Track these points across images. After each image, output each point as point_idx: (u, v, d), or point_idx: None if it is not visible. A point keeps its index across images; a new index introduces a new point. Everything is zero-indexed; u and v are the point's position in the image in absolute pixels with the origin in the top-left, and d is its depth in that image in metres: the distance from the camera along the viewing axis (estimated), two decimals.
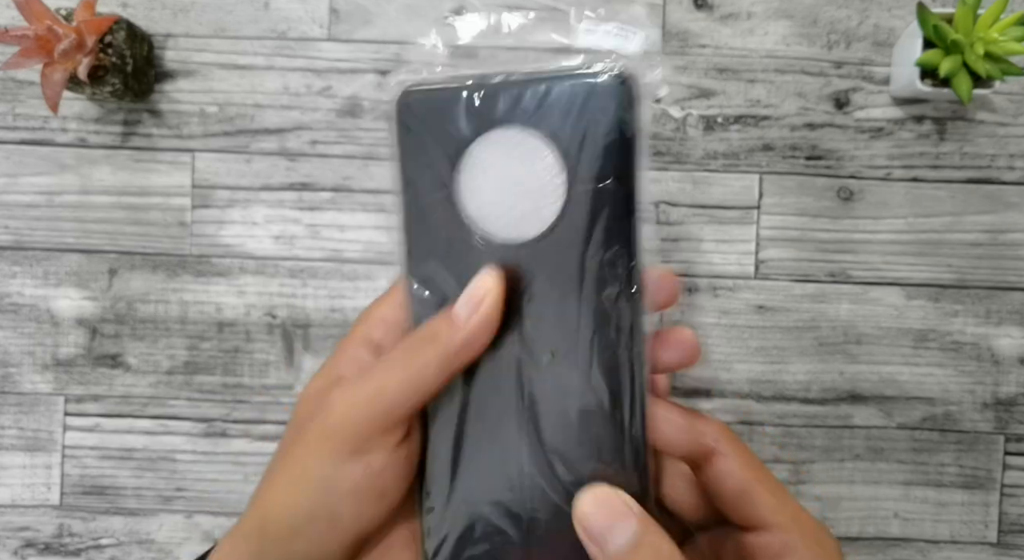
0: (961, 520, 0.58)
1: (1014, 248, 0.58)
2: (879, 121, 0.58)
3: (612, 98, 0.25)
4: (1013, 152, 0.58)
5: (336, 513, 0.27)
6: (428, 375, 0.27)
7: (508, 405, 0.28)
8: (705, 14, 0.59)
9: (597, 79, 0.26)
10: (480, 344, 0.27)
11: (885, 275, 0.58)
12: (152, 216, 0.59)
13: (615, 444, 0.27)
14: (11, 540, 0.59)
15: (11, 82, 0.59)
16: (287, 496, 0.28)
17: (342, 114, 0.59)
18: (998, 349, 0.58)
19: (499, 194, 0.27)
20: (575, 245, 0.26)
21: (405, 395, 0.27)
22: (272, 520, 0.28)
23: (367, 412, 0.27)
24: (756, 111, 0.58)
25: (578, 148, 0.26)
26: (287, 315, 0.59)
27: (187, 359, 0.59)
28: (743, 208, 0.58)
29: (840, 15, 0.59)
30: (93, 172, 0.59)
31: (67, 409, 0.59)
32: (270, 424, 0.59)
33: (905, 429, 0.58)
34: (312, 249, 0.59)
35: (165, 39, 0.59)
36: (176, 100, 0.59)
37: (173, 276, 0.59)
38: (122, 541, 0.59)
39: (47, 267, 0.59)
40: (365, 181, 0.59)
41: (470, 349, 0.27)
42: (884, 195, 0.58)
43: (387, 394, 0.27)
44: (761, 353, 0.58)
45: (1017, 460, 0.58)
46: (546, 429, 0.27)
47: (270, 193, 0.59)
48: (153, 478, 0.59)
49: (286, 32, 0.59)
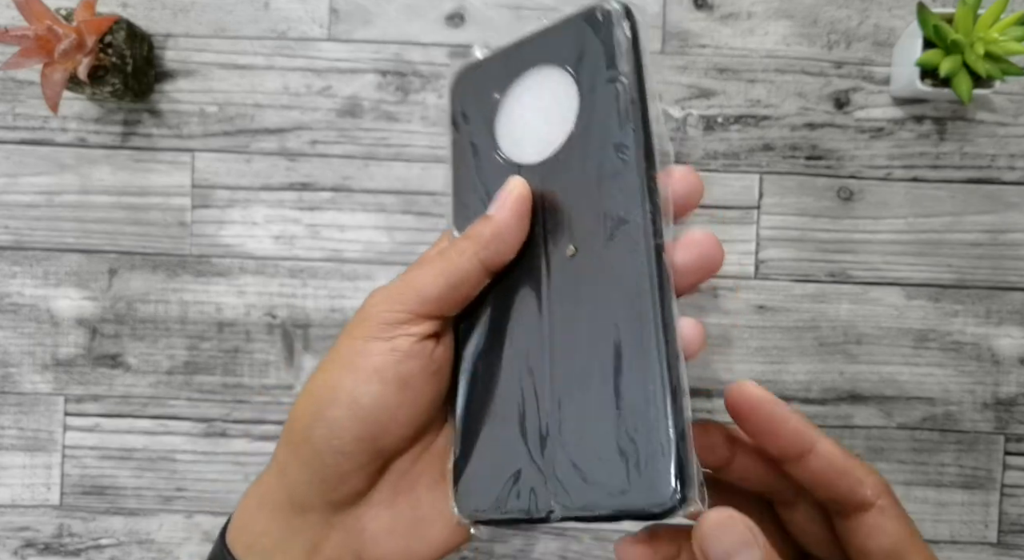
0: (961, 520, 0.58)
1: (1014, 248, 0.58)
2: (879, 121, 0.58)
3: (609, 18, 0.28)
4: (1013, 152, 0.58)
5: (357, 394, 0.27)
6: (461, 265, 0.28)
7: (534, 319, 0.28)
8: (705, 14, 0.59)
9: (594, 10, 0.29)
10: (511, 235, 0.28)
11: (885, 275, 0.58)
12: (152, 216, 0.59)
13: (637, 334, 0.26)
14: (11, 540, 0.59)
15: (11, 82, 0.59)
16: (312, 383, 0.29)
17: (342, 114, 0.59)
18: (998, 349, 0.58)
19: (526, 123, 0.30)
20: (592, 141, 0.28)
21: (437, 283, 0.28)
22: (296, 416, 0.29)
23: (399, 296, 0.28)
24: (756, 111, 0.58)
25: (587, 63, 0.29)
26: (287, 315, 0.59)
27: (187, 359, 0.59)
28: (743, 208, 0.58)
29: (840, 15, 0.59)
30: (93, 172, 0.59)
31: (67, 409, 0.59)
32: (270, 424, 0.59)
33: (905, 429, 0.58)
34: (312, 249, 0.59)
35: (165, 39, 0.59)
36: (176, 100, 0.59)
37: (173, 276, 0.59)
38: (122, 541, 0.59)
39: (47, 267, 0.59)
40: (365, 181, 0.59)
41: (500, 240, 0.28)
42: (884, 195, 0.58)
43: (419, 281, 0.28)
44: (761, 353, 0.58)
45: (1017, 460, 0.58)
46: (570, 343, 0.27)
47: (270, 193, 0.59)
48: (153, 478, 0.59)
49: (286, 32, 0.59)
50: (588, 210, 0.28)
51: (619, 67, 0.28)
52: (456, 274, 0.28)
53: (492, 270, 0.29)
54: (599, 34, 0.28)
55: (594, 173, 0.28)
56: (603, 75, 0.28)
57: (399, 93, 0.59)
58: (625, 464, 0.25)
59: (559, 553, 0.59)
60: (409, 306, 0.28)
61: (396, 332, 0.28)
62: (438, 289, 0.28)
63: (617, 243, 0.27)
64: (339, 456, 0.28)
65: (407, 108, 0.59)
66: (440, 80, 0.59)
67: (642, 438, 0.25)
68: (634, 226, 0.27)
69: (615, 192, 0.27)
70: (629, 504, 0.25)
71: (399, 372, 0.28)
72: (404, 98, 0.59)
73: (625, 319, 0.26)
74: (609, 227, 0.27)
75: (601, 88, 0.28)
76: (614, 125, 0.28)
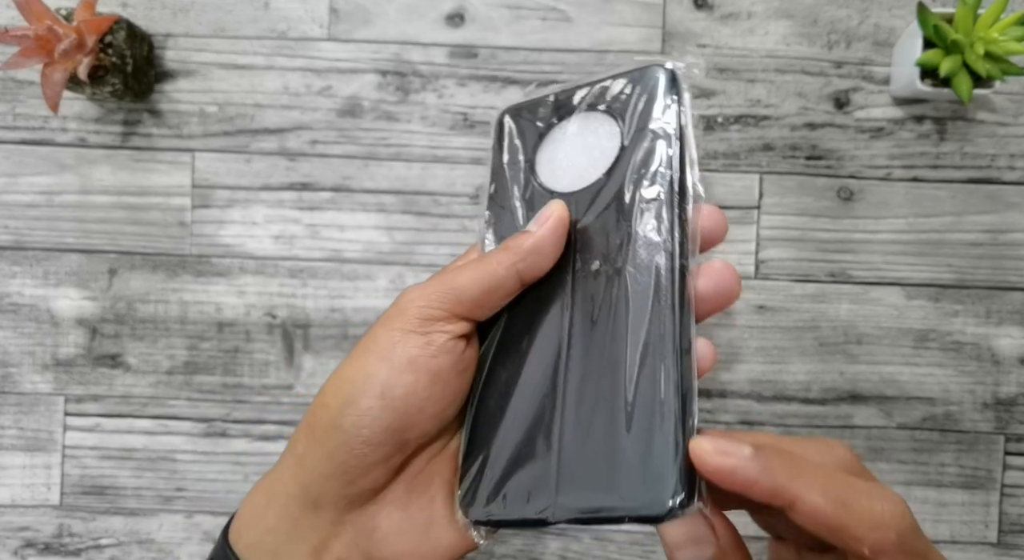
0: (961, 520, 0.58)
1: (1014, 248, 0.58)
2: (879, 121, 0.58)
3: (659, 78, 0.31)
4: (1013, 152, 0.58)
5: (390, 383, 0.28)
6: (498, 273, 0.30)
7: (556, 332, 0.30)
8: (705, 14, 0.59)
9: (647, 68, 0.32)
10: (548, 251, 0.30)
11: (885, 275, 0.58)
12: (152, 216, 0.59)
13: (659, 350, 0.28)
14: (11, 540, 0.59)
15: (11, 82, 0.59)
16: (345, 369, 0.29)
17: (342, 114, 0.59)
18: (998, 349, 0.58)
19: (567, 157, 0.33)
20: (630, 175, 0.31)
21: (475, 287, 0.29)
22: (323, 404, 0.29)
23: (437, 295, 0.29)
24: (756, 111, 0.58)
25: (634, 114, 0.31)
26: (287, 315, 0.59)
27: (187, 359, 0.59)
28: (743, 208, 0.58)
29: (840, 15, 0.59)
30: (93, 172, 0.59)
31: (67, 409, 0.59)
32: (270, 424, 0.59)
33: (905, 429, 0.58)
34: (312, 249, 0.59)
35: (165, 39, 0.59)
36: (176, 100, 0.59)
37: (173, 276, 0.59)
38: (122, 541, 0.59)
39: (47, 267, 0.59)
40: (365, 181, 0.59)
41: (538, 254, 0.30)
42: (884, 195, 0.58)
43: (459, 283, 0.29)
44: (761, 353, 0.58)
45: (1017, 460, 0.58)
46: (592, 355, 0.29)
47: (270, 193, 0.59)
48: (153, 478, 0.59)
49: (286, 32, 0.59)
50: (618, 233, 0.30)
51: (665, 121, 0.31)
52: (493, 280, 0.29)
53: (525, 282, 0.30)
54: (649, 91, 0.31)
55: (628, 202, 0.30)
56: (649, 125, 0.31)
57: (399, 93, 0.59)
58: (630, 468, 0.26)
59: (559, 553, 0.59)
60: (446, 305, 0.29)
61: (432, 328, 0.29)
62: (475, 292, 0.29)
63: (643, 262, 0.29)
64: (366, 446, 0.28)
65: (407, 108, 0.59)
66: (440, 80, 0.59)
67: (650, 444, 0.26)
68: (663, 248, 0.29)
69: (647, 218, 0.30)
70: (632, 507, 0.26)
71: (431, 365, 0.29)
72: (404, 98, 0.59)
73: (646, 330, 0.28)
74: (638, 248, 0.29)
75: (645, 134, 0.31)
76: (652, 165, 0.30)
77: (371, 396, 0.28)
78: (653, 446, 0.26)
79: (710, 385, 0.59)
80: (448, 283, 0.29)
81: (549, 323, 0.30)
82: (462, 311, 0.29)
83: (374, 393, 0.28)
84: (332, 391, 0.29)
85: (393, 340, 0.29)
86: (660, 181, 0.30)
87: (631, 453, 0.26)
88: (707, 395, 0.59)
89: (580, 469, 0.27)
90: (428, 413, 0.29)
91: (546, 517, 0.27)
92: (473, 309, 0.30)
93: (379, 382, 0.28)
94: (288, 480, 0.30)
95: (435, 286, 0.29)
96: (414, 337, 0.29)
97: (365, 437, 0.28)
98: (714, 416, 0.58)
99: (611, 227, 0.30)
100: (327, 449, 0.28)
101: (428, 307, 0.29)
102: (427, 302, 0.29)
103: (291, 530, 0.29)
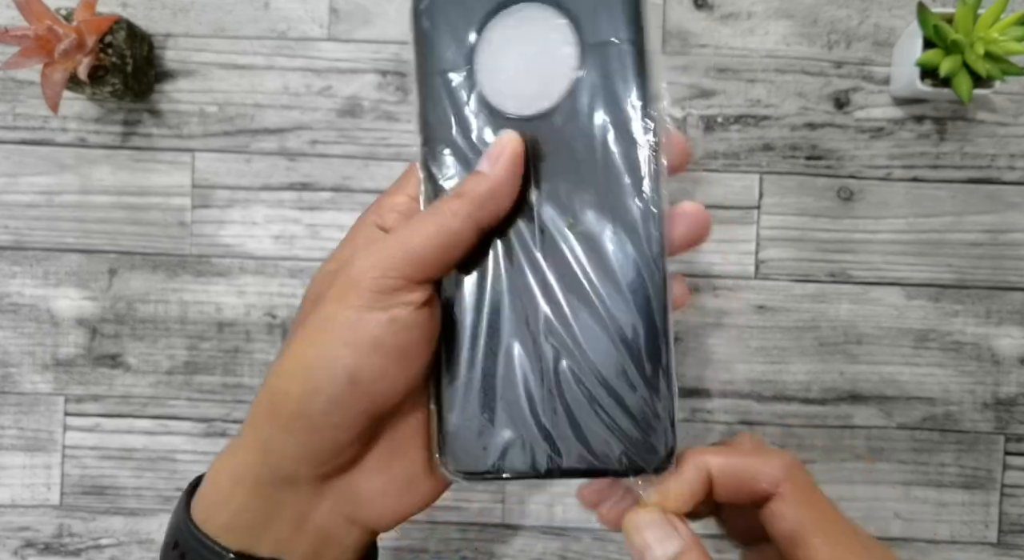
0: (961, 520, 0.58)
1: (1014, 248, 0.58)
2: (879, 121, 0.58)
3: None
4: (1013, 152, 0.58)
5: (357, 368, 0.26)
6: (455, 226, 0.27)
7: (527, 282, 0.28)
8: (705, 14, 0.59)
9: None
10: (505, 194, 0.27)
11: (885, 275, 0.58)
12: (152, 216, 0.59)
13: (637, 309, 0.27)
14: (11, 540, 0.59)
15: (11, 82, 0.59)
16: (305, 353, 0.27)
17: (342, 114, 0.59)
18: (998, 349, 0.58)
19: (515, 70, 0.28)
20: (591, 107, 0.27)
21: (431, 246, 0.26)
22: (283, 389, 0.27)
23: (392, 262, 0.26)
24: (756, 111, 0.58)
25: (588, 14, 0.27)
26: (287, 315, 0.59)
27: (187, 359, 0.59)
28: (743, 208, 0.58)
29: (840, 15, 0.59)
30: (93, 172, 0.59)
31: (67, 409, 0.59)
32: None
33: (905, 429, 0.58)
34: (312, 249, 0.59)
35: (165, 39, 0.59)
36: (176, 100, 0.59)
37: (173, 276, 0.59)
38: (122, 541, 0.59)
39: (47, 267, 0.59)
40: (365, 181, 0.59)
41: (495, 199, 0.27)
42: (884, 195, 0.58)
43: (413, 244, 0.26)
44: (761, 353, 0.58)
45: (1017, 460, 0.58)
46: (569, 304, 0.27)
47: (270, 193, 0.59)
48: (153, 478, 0.59)
49: (286, 32, 0.59)
50: (587, 177, 0.28)
51: (622, 22, 0.27)
52: (450, 235, 0.27)
53: (483, 230, 0.28)
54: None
55: (594, 138, 0.28)
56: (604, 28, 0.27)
57: (399, 93, 0.59)
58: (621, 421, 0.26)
59: (559, 553, 0.59)
60: (404, 271, 0.26)
61: (393, 300, 0.26)
62: (432, 251, 0.27)
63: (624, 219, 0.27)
64: (338, 430, 0.27)
65: (407, 108, 0.59)
66: None
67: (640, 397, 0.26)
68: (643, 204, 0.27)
69: (619, 160, 0.27)
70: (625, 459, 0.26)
71: (398, 343, 0.26)
72: (404, 98, 0.59)
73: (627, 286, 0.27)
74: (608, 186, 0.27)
75: (605, 47, 0.27)
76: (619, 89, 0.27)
77: (337, 383, 0.26)
78: (643, 399, 0.26)
79: (710, 385, 0.59)
80: (401, 246, 0.27)
81: (518, 274, 0.28)
82: (421, 275, 0.27)
83: (340, 380, 0.26)
84: (292, 377, 0.27)
85: (352, 320, 0.26)
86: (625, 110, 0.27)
87: (621, 406, 0.27)
88: (707, 395, 0.59)
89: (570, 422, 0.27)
90: (399, 389, 0.27)
91: (538, 471, 0.27)
92: (432, 270, 0.27)
93: (344, 368, 0.26)
94: (254, 462, 0.28)
95: (388, 251, 0.27)
96: (375, 315, 0.26)
97: (335, 423, 0.27)
98: (714, 416, 0.59)
99: (574, 165, 0.28)
100: (295, 435, 0.27)
101: (384, 278, 0.26)
102: (382, 271, 0.26)
103: (267, 507, 0.28)
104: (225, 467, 0.29)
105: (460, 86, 0.29)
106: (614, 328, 0.27)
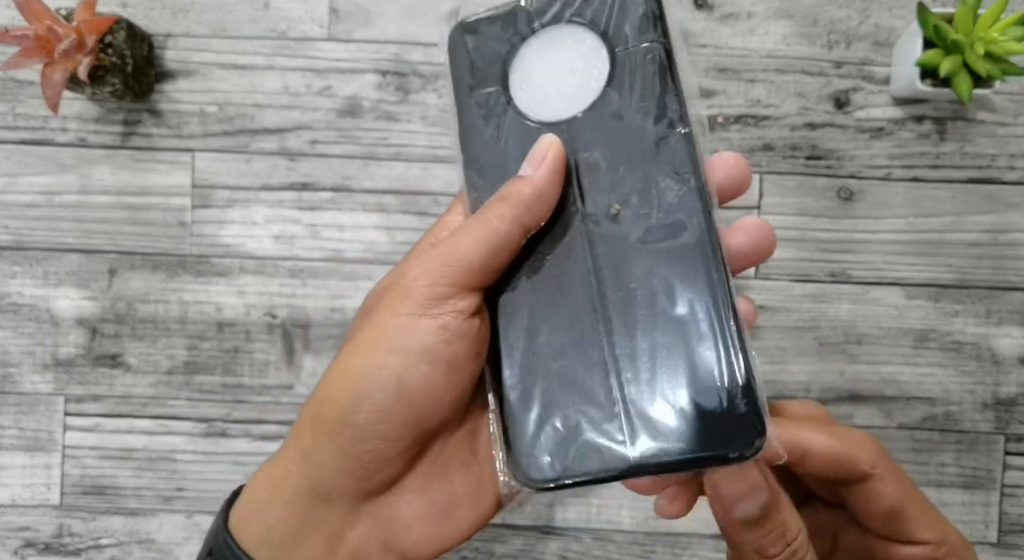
0: (961, 520, 0.58)
1: (1014, 248, 0.58)
2: (879, 121, 0.58)
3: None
4: (1013, 152, 0.58)
5: (405, 376, 0.26)
6: (501, 231, 0.27)
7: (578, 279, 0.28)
8: (705, 14, 0.59)
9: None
10: (549, 196, 0.28)
11: (885, 275, 0.58)
12: (152, 216, 0.59)
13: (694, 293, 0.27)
14: (11, 540, 0.59)
15: (11, 82, 0.59)
16: (353, 361, 0.27)
17: (342, 114, 0.59)
18: (998, 349, 0.58)
19: (548, 80, 0.30)
20: (624, 105, 0.28)
21: (479, 252, 0.27)
22: (329, 397, 0.27)
23: (442, 269, 0.27)
24: (756, 111, 0.58)
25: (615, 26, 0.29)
26: (287, 315, 0.59)
27: (187, 359, 0.59)
28: (743, 208, 0.58)
29: (840, 15, 0.59)
30: (93, 172, 0.59)
31: (67, 409, 0.59)
32: (270, 424, 0.59)
33: (905, 429, 0.58)
34: (312, 249, 0.59)
35: (165, 39, 0.59)
36: (176, 100, 0.59)
37: (173, 276, 0.59)
38: (122, 541, 0.59)
39: (47, 267, 0.59)
40: (365, 181, 0.59)
41: (540, 201, 0.28)
42: (884, 195, 0.58)
43: (461, 251, 0.27)
44: (761, 353, 0.58)
45: (1017, 460, 0.58)
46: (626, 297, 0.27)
47: (270, 193, 0.59)
48: (153, 478, 0.59)
49: (286, 32, 0.59)
50: (629, 170, 0.28)
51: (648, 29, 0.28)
52: (497, 240, 0.27)
53: (529, 233, 0.28)
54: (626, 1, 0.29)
55: (634, 133, 0.28)
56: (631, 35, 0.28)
57: (399, 93, 0.59)
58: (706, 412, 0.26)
59: (559, 553, 0.59)
60: (454, 278, 0.26)
61: (443, 308, 0.26)
62: (481, 258, 0.27)
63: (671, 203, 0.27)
64: (382, 442, 0.26)
65: (407, 108, 0.59)
66: (440, 80, 0.59)
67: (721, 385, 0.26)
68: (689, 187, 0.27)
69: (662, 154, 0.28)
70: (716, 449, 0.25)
71: (447, 353, 0.26)
72: (404, 98, 0.59)
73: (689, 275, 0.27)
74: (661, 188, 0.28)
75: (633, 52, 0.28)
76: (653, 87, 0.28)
77: (385, 391, 0.26)
78: (725, 386, 0.25)
79: None
80: (450, 252, 0.27)
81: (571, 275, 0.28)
82: (471, 282, 0.27)
83: (388, 388, 0.26)
84: (340, 384, 0.27)
85: (402, 327, 0.26)
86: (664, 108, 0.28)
87: (704, 396, 0.26)
88: None
89: (651, 417, 0.26)
90: (446, 402, 0.27)
91: (623, 470, 0.26)
92: (481, 277, 0.27)
93: (392, 375, 0.26)
94: (294, 474, 0.28)
95: (438, 258, 0.27)
96: (426, 322, 0.26)
97: (380, 433, 0.26)
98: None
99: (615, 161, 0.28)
100: (338, 445, 0.27)
101: (435, 285, 0.26)
102: (433, 279, 0.26)
103: (302, 522, 0.28)
104: (265, 476, 0.29)
105: (496, 102, 0.30)
106: (679, 317, 0.26)
